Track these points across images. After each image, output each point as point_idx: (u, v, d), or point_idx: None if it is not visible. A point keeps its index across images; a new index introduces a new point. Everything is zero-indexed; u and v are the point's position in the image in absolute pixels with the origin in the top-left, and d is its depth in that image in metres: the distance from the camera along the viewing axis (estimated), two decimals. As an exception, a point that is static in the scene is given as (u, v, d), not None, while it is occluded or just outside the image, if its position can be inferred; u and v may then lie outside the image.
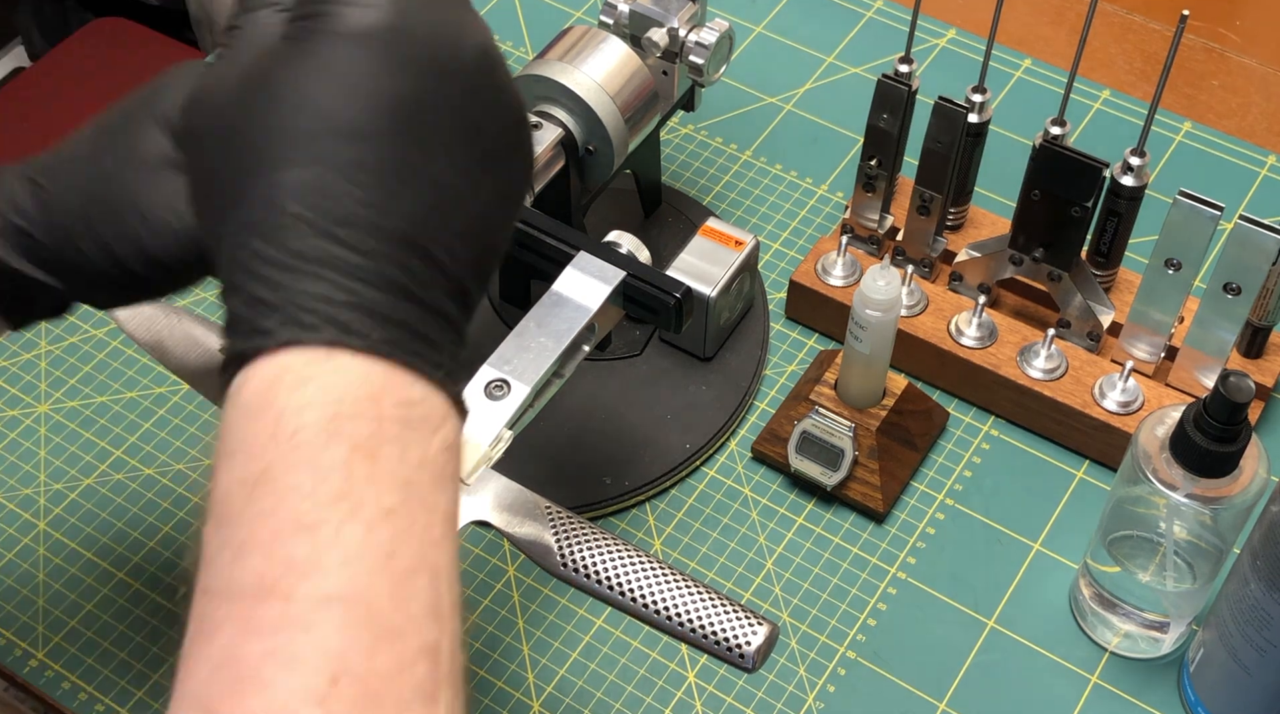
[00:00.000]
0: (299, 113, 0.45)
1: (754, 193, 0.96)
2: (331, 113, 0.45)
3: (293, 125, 0.45)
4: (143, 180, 0.53)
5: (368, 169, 0.44)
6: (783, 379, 0.87)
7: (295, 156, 0.44)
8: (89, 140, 0.55)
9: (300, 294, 0.42)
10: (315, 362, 0.42)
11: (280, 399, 0.42)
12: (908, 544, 0.80)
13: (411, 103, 0.46)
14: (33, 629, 0.77)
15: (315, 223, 0.43)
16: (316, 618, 0.39)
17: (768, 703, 0.74)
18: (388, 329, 0.43)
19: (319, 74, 0.45)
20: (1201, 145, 0.98)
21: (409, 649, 0.40)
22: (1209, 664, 0.71)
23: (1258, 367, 0.83)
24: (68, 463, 0.83)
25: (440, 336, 0.45)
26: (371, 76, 0.45)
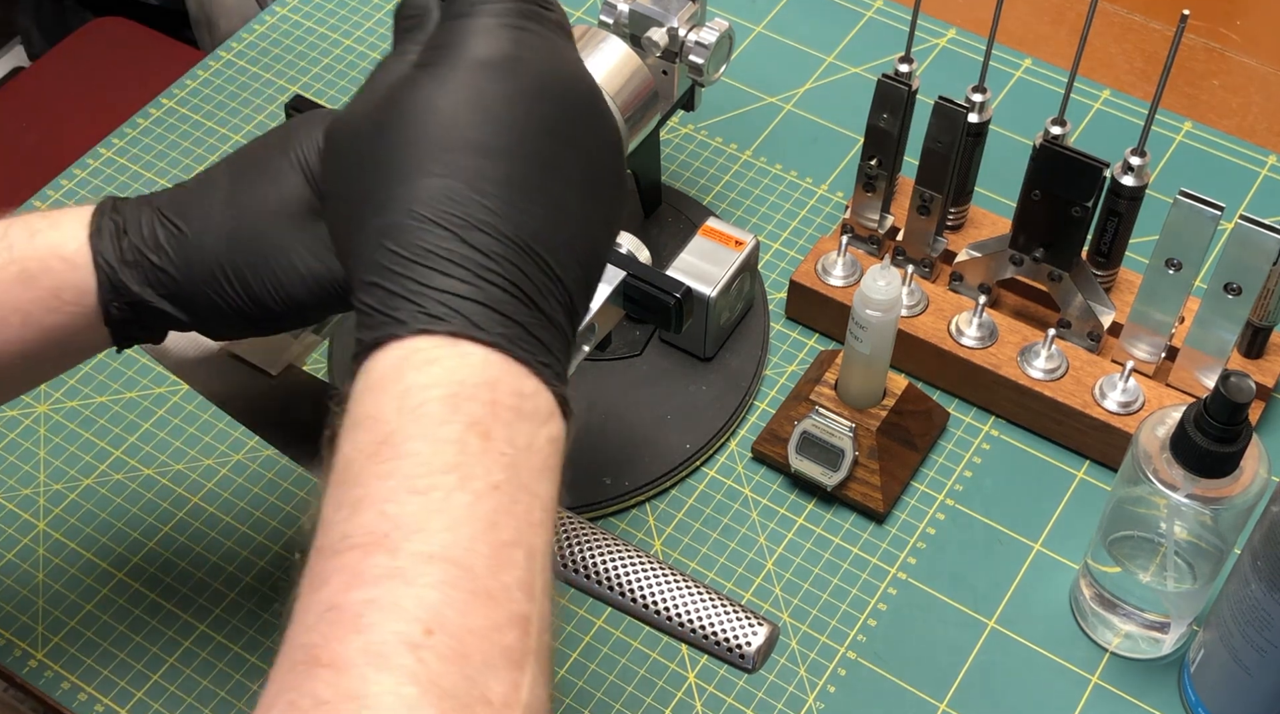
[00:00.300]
0: (432, 128, 0.49)
1: (754, 193, 0.96)
2: (463, 129, 0.49)
3: (426, 139, 0.49)
4: (285, 228, 0.56)
5: (495, 181, 0.49)
6: (783, 379, 0.86)
7: (430, 167, 0.49)
8: (224, 183, 0.57)
9: (431, 288, 0.47)
10: (442, 347, 0.46)
11: (408, 376, 0.46)
12: (908, 544, 0.80)
13: (533, 125, 0.50)
14: (32, 629, 0.77)
15: (446, 226, 0.48)
16: (419, 573, 0.42)
17: (768, 703, 0.74)
18: (507, 326, 0.47)
19: (451, 95, 0.50)
20: (1202, 145, 0.98)
21: (501, 614, 0.43)
22: (1209, 665, 0.71)
23: (1258, 367, 0.83)
24: (67, 463, 0.83)
25: (551, 341, 0.49)
26: (498, 99, 0.50)
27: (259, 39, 1.05)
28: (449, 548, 0.43)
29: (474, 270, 0.47)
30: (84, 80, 1.45)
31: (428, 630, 0.41)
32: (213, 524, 0.81)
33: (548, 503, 0.47)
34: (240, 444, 0.84)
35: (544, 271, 0.49)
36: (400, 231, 0.48)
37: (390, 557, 0.43)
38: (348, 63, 1.03)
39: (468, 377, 0.46)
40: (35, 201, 0.95)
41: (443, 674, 0.41)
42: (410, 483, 0.44)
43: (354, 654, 0.41)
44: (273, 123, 0.99)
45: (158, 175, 0.97)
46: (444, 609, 0.42)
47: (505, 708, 0.42)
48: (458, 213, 0.48)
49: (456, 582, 0.42)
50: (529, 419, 0.47)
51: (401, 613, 0.41)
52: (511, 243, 0.48)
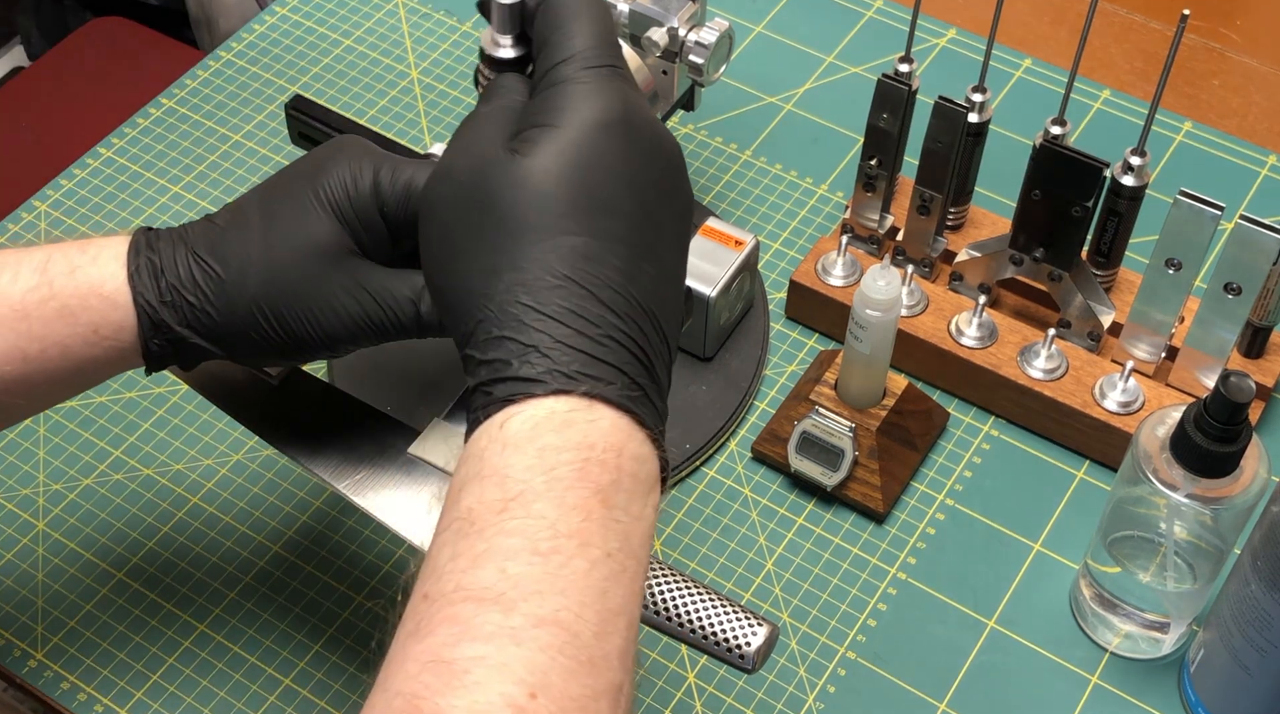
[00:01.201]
0: (564, 188, 0.50)
1: (754, 193, 0.96)
2: (593, 189, 0.50)
3: (559, 198, 0.50)
4: (320, 269, 0.56)
5: (621, 241, 0.50)
6: (783, 379, 0.86)
7: (566, 226, 0.50)
8: (256, 222, 0.58)
9: (567, 347, 0.48)
10: (578, 409, 0.47)
11: (544, 437, 0.47)
12: (908, 544, 0.80)
13: (648, 186, 0.52)
14: (32, 629, 0.77)
15: (583, 284, 0.49)
16: (530, 635, 0.43)
17: (768, 703, 0.74)
18: (632, 389, 0.48)
19: (579, 155, 0.51)
20: (1202, 145, 0.98)
21: (601, 682, 0.44)
22: (1209, 665, 0.71)
23: (1258, 367, 0.83)
24: (66, 463, 0.83)
25: (660, 405, 0.50)
26: (619, 159, 0.51)
27: (259, 39, 1.05)
28: (561, 613, 0.44)
29: (606, 331, 0.48)
30: (84, 80, 1.45)
31: (532, 694, 0.42)
32: (212, 524, 0.81)
33: (646, 564, 0.48)
34: (240, 444, 0.84)
35: (657, 332, 0.50)
36: (538, 287, 0.49)
37: (505, 615, 0.43)
38: (348, 63, 1.03)
39: (598, 441, 0.47)
40: (35, 201, 0.95)
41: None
42: (534, 545, 0.45)
43: (458, 711, 0.41)
44: (273, 123, 0.99)
45: (157, 175, 0.97)
46: (550, 674, 0.42)
47: None
48: (593, 272, 0.49)
49: (564, 648, 0.43)
50: (643, 485, 0.48)
51: (509, 674, 0.42)
52: (635, 303, 0.49)
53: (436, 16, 1.06)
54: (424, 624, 0.44)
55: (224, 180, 0.96)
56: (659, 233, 0.52)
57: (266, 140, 0.98)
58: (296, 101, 0.78)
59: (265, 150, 0.98)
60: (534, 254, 0.49)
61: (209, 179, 0.96)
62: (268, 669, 0.75)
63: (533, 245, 0.50)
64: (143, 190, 0.96)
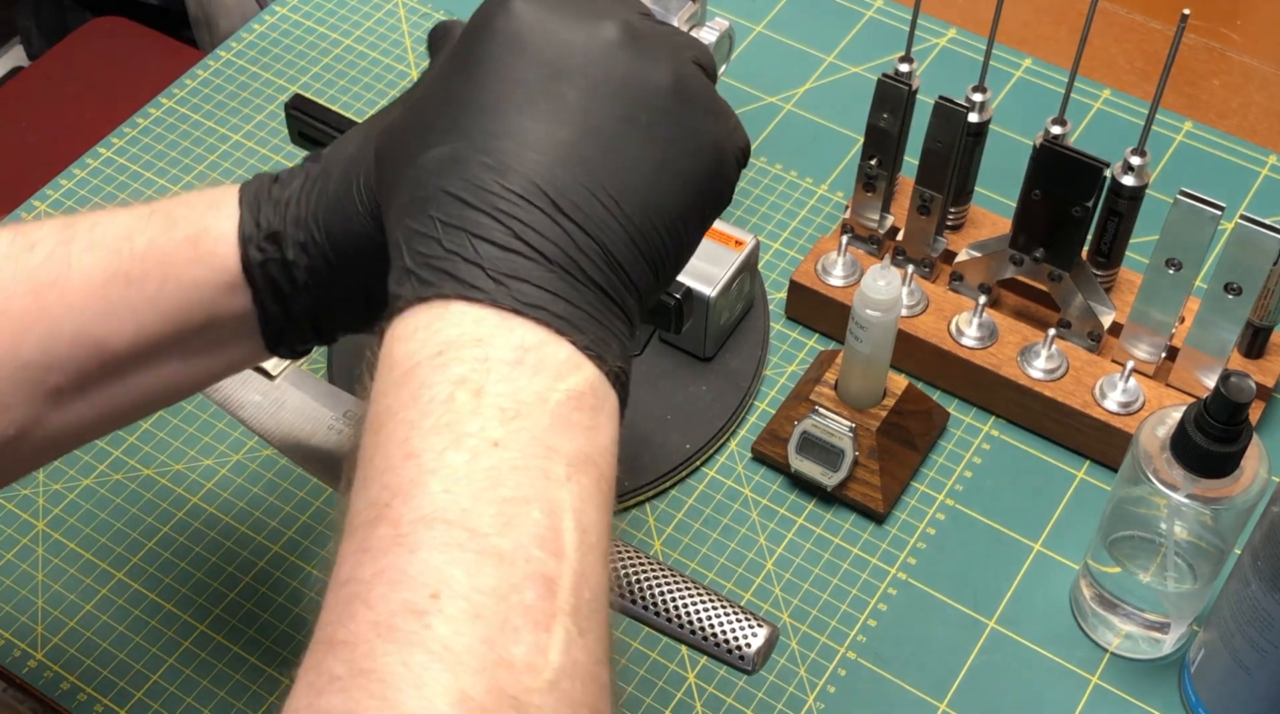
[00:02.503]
0: (435, 90, 0.49)
1: (754, 193, 0.96)
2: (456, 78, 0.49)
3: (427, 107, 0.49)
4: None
5: (500, 137, 0.48)
6: (783, 379, 0.86)
7: (433, 139, 0.48)
8: (356, 135, 0.56)
9: (432, 256, 0.46)
10: (432, 313, 0.45)
11: (396, 349, 0.45)
12: (908, 544, 0.80)
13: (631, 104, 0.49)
14: (31, 629, 0.77)
15: (456, 195, 0.47)
16: (420, 539, 0.41)
17: (768, 704, 0.74)
18: (506, 283, 0.45)
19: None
20: (1202, 145, 0.98)
21: (516, 574, 0.41)
22: (1210, 665, 0.71)
23: (1258, 367, 0.83)
24: (66, 463, 0.83)
25: (570, 293, 0.46)
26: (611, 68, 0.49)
27: (259, 39, 1.05)
28: (446, 509, 0.42)
29: (472, 232, 0.46)
30: (84, 80, 1.45)
31: (433, 595, 0.40)
32: (212, 524, 0.81)
33: (578, 458, 0.44)
34: (240, 444, 0.84)
35: (551, 220, 0.47)
36: (413, 208, 0.48)
37: (393, 527, 0.42)
38: (347, 63, 1.03)
39: (456, 336, 0.45)
40: (35, 201, 0.95)
41: (452, 638, 0.39)
42: (403, 448, 0.43)
43: (364, 629, 0.40)
44: (273, 122, 0.99)
45: (157, 175, 0.97)
46: (449, 571, 0.40)
47: (530, 671, 0.40)
48: (459, 173, 0.47)
49: (461, 543, 0.41)
50: (536, 372, 0.44)
51: (407, 580, 0.40)
52: (523, 198, 0.47)
53: (436, 16, 1.06)
54: (336, 559, 0.43)
55: (224, 180, 0.96)
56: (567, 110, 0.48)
57: (266, 140, 0.98)
58: (296, 101, 0.77)
59: (265, 150, 0.98)
60: (410, 173, 0.48)
61: (209, 179, 0.96)
62: (268, 669, 0.75)
63: (408, 163, 0.48)
64: (143, 190, 0.96)
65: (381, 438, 0.44)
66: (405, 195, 0.48)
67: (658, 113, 0.50)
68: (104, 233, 0.55)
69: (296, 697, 0.40)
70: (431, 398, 0.43)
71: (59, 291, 0.54)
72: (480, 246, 0.46)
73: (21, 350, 0.54)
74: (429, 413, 0.43)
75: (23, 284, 0.54)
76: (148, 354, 0.56)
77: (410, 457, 0.43)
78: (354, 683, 0.39)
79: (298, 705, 0.40)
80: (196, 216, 0.55)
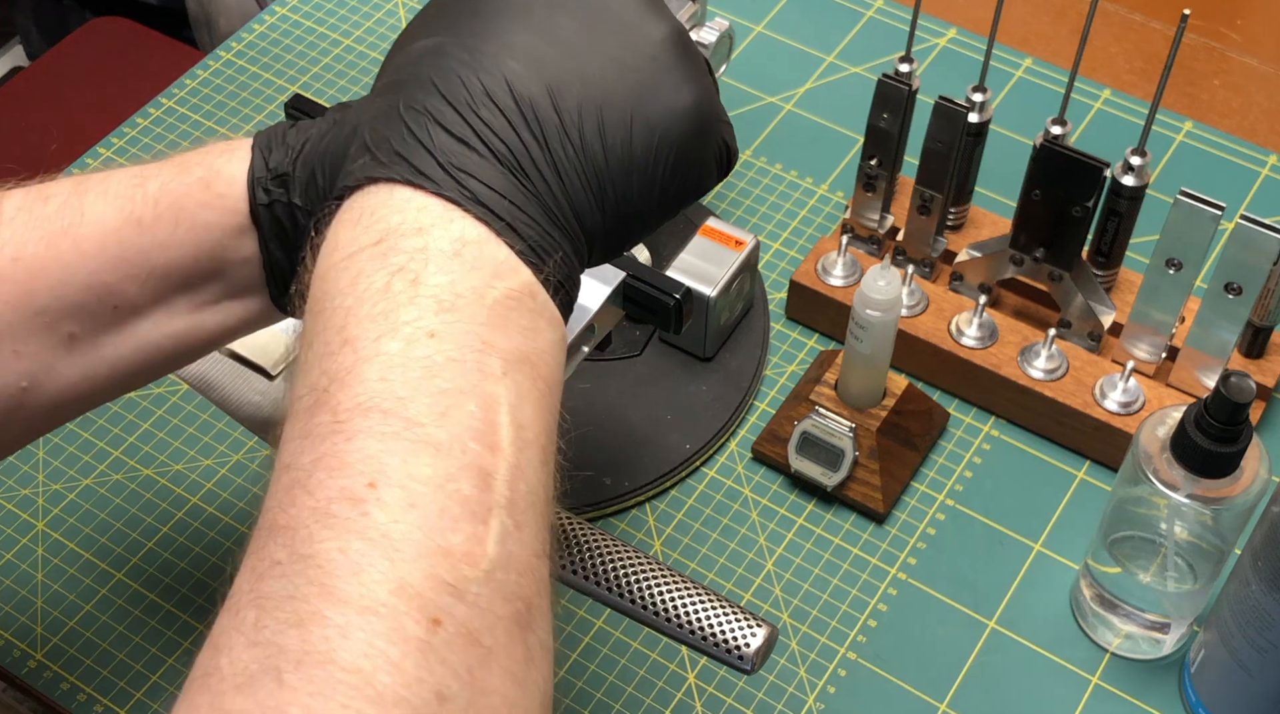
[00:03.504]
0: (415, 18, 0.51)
1: (754, 193, 0.95)
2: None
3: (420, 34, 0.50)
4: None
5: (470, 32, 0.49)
6: (783, 379, 0.86)
7: (426, 32, 0.49)
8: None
9: (389, 137, 0.46)
10: (378, 197, 0.45)
11: (341, 233, 0.45)
12: (908, 545, 0.80)
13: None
14: (31, 630, 0.77)
15: (430, 81, 0.47)
16: (357, 426, 0.41)
17: (768, 704, 0.74)
18: (455, 175, 0.45)
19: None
20: (1202, 145, 0.98)
21: (452, 464, 0.41)
22: (1210, 665, 0.71)
23: (1259, 367, 0.83)
24: (66, 463, 0.83)
25: (517, 195, 0.47)
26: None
27: (259, 39, 1.05)
28: (382, 397, 0.41)
29: (433, 119, 0.47)
30: (83, 80, 1.45)
31: (370, 484, 0.40)
32: (212, 524, 0.80)
33: (516, 356, 0.44)
34: (240, 444, 0.84)
35: (510, 124, 0.47)
36: (385, 89, 0.49)
37: (332, 413, 0.42)
38: (347, 62, 1.03)
39: (398, 224, 0.45)
40: (34, 201, 0.95)
41: (389, 526, 0.40)
42: (340, 334, 0.43)
43: (304, 515, 0.40)
44: (272, 122, 0.99)
45: (157, 175, 0.96)
46: (385, 459, 0.40)
47: (467, 560, 0.40)
48: (439, 68, 0.48)
49: (397, 432, 0.41)
50: (474, 268, 0.45)
51: (345, 468, 0.41)
52: (489, 98, 0.47)
53: (436, 16, 1.06)
54: (281, 444, 0.43)
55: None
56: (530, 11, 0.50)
57: (266, 140, 0.98)
58: (296, 101, 0.77)
59: (265, 150, 0.98)
60: (390, 73, 0.50)
61: (209, 179, 0.96)
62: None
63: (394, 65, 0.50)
64: (142, 190, 0.96)
65: (320, 323, 0.44)
66: (384, 78, 0.50)
67: (645, 60, 0.50)
68: (117, 181, 0.55)
69: (239, 581, 0.41)
70: (369, 285, 0.44)
71: (72, 239, 0.54)
72: (437, 135, 0.46)
73: (35, 297, 0.54)
74: (366, 299, 0.43)
75: (36, 232, 0.54)
76: (159, 302, 0.56)
77: (347, 343, 0.43)
78: (293, 568, 0.39)
79: (240, 590, 0.40)
80: (210, 160, 0.55)
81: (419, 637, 0.38)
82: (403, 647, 0.38)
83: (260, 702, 0.37)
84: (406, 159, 0.46)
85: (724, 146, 0.54)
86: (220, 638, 0.39)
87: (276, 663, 0.38)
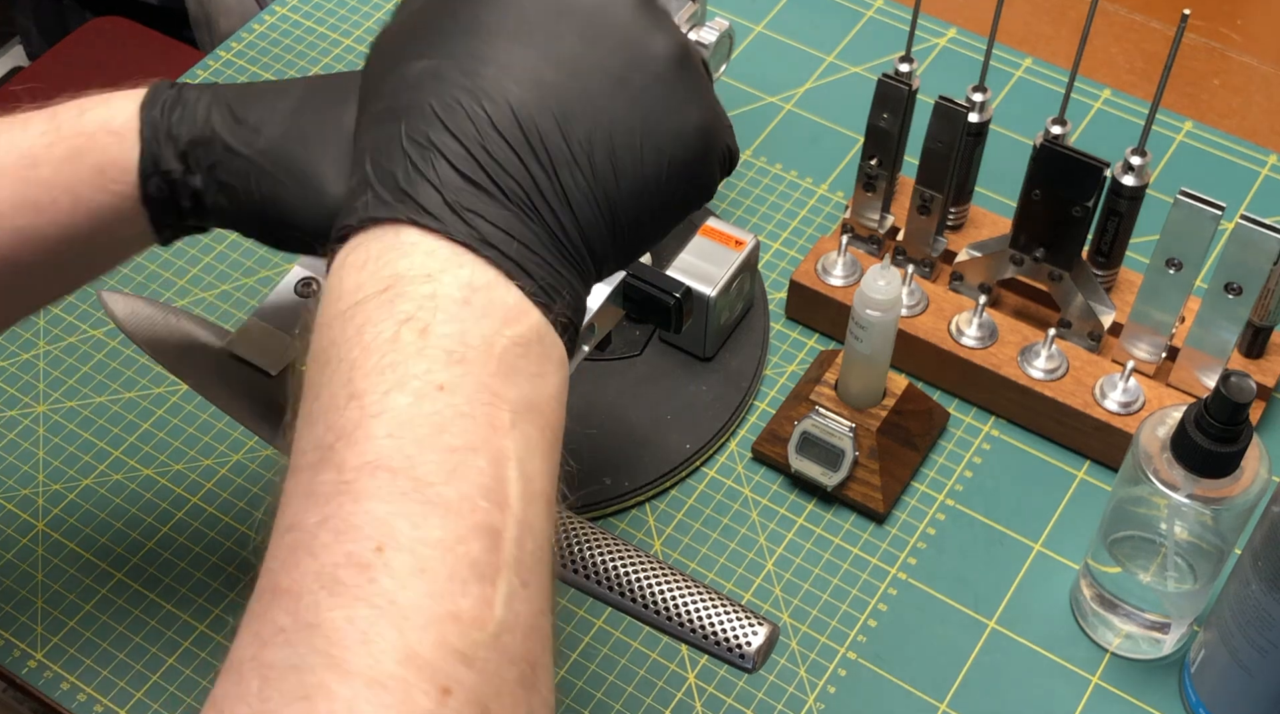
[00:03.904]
0: (434, 3, 0.49)
1: (754, 193, 0.96)
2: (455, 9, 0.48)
3: (405, 24, 0.49)
4: (339, 156, 0.55)
5: (488, 61, 0.47)
6: (783, 379, 0.86)
7: (420, 51, 0.47)
8: (295, 96, 0.56)
9: (393, 171, 0.45)
10: (384, 241, 0.44)
11: (346, 278, 0.43)
12: (908, 545, 0.80)
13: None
14: (31, 630, 0.77)
15: (432, 111, 0.45)
16: (365, 486, 0.40)
17: (768, 704, 0.74)
18: (463, 214, 0.44)
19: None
20: (1202, 145, 0.98)
21: (462, 525, 0.40)
22: (1210, 665, 0.71)
23: (1259, 367, 0.83)
24: (66, 463, 0.83)
25: (524, 234, 0.45)
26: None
27: (259, 39, 1.05)
28: (391, 456, 0.40)
29: (439, 152, 0.45)
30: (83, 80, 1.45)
31: (378, 548, 0.39)
32: (212, 524, 0.80)
33: (524, 405, 0.43)
34: (240, 444, 0.84)
35: (518, 157, 0.46)
36: (384, 117, 0.47)
37: (338, 472, 0.40)
38: (347, 63, 1.03)
39: (405, 269, 0.43)
40: (35, 201, 0.95)
41: (397, 592, 0.38)
42: (347, 387, 0.41)
43: (308, 579, 0.39)
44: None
45: (157, 175, 0.96)
46: (394, 522, 0.39)
47: (476, 624, 0.39)
48: (439, 95, 0.46)
49: (405, 492, 0.40)
50: (486, 314, 0.43)
51: (351, 531, 0.39)
52: (495, 130, 0.46)
53: (436, 16, 1.06)
54: (283, 499, 0.42)
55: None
56: (551, 46, 0.48)
57: (266, 140, 0.98)
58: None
59: (265, 150, 0.98)
60: (386, 92, 0.48)
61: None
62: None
63: (385, 82, 0.49)
64: (142, 190, 0.96)
65: (326, 375, 0.42)
66: (381, 103, 0.48)
67: (651, 79, 0.49)
68: (10, 165, 0.57)
69: (242, 645, 0.40)
70: (377, 335, 0.42)
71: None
72: (444, 171, 0.45)
73: None
74: (373, 351, 0.42)
75: None
76: (55, 266, 0.59)
77: (354, 397, 0.41)
78: (298, 636, 0.38)
79: (243, 656, 0.39)
80: (100, 145, 0.57)
81: (428, 709, 0.38)
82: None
83: None
84: (413, 198, 0.44)
85: (726, 151, 0.53)
86: (224, 704, 0.39)
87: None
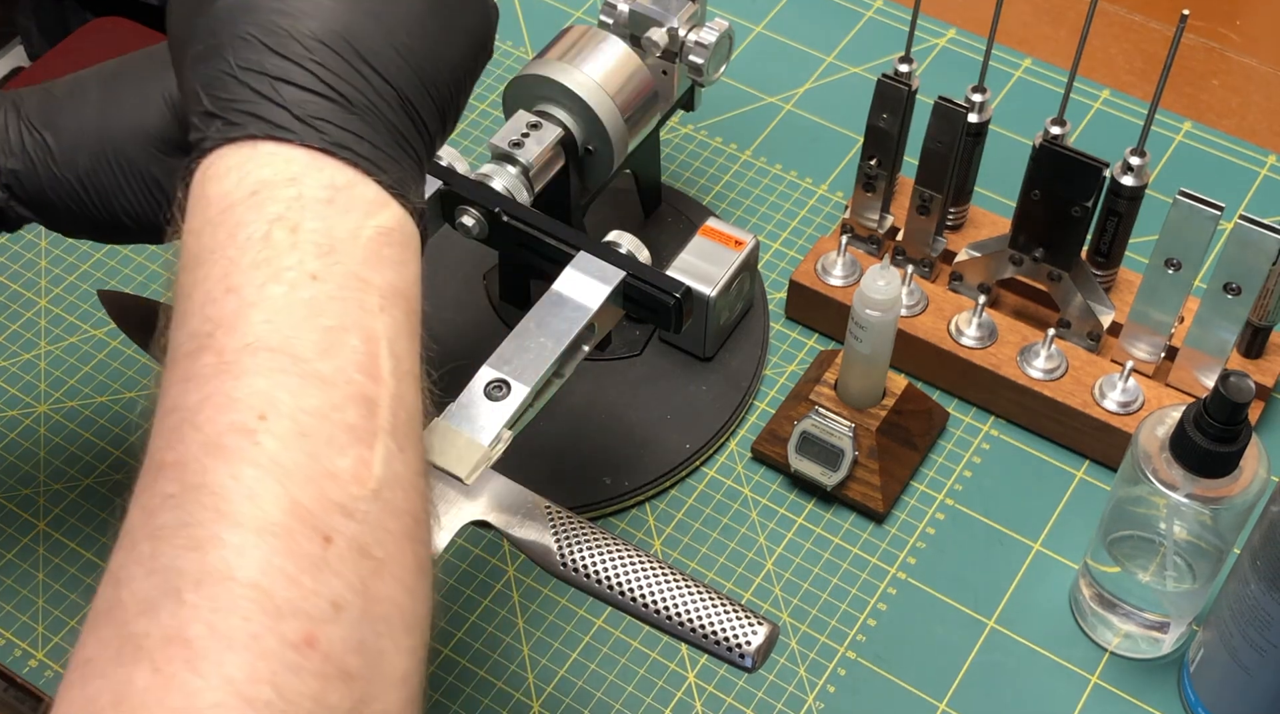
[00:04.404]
0: None
1: (754, 193, 0.96)
2: None
3: None
4: (153, 159, 0.60)
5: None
6: (783, 379, 0.86)
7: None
8: (94, 100, 0.60)
9: (235, 99, 0.47)
10: (242, 153, 0.47)
11: (209, 188, 0.46)
12: (908, 544, 0.80)
13: None
14: (32, 629, 0.77)
15: (255, 39, 0.48)
16: (244, 365, 0.43)
17: (768, 703, 0.74)
18: (314, 124, 0.47)
19: None
20: (1202, 145, 0.98)
21: (338, 395, 0.43)
22: (1209, 665, 0.71)
23: (1258, 367, 0.83)
24: (67, 463, 0.83)
25: (374, 136, 0.48)
26: None
27: (259, 39, 1.05)
28: (269, 337, 0.43)
29: (277, 75, 0.48)
30: (84, 80, 1.45)
31: (261, 416, 0.42)
32: (213, 524, 0.80)
33: (390, 291, 0.46)
34: (240, 444, 0.84)
35: (359, 68, 0.49)
36: (209, 55, 0.49)
37: (217, 355, 0.43)
38: (348, 63, 1.03)
39: (269, 176, 0.46)
40: (35, 201, 0.95)
41: (280, 453, 0.41)
42: (223, 283, 0.44)
43: (193, 449, 0.41)
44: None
45: (158, 175, 0.96)
46: (275, 394, 0.42)
47: (355, 481, 0.42)
48: (268, 24, 0.48)
49: (285, 368, 0.43)
50: (349, 209, 0.47)
51: (233, 404, 0.42)
52: (322, 44, 0.48)
53: (436, 16, 1.06)
54: (161, 392, 0.45)
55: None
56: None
57: (267, 140, 0.98)
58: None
59: (265, 150, 0.98)
60: (210, 25, 0.50)
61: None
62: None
63: (209, 19, 0.50)
64: (143, 190, 0.96)
65: (200, 274, 0.45)
66: (199, 44, 0.50)
67: None
68: None
69: (131, 519, 0.42)
70: (249, 236, 0.45)
71: None
72: (284, 89, 0.47)
73: None
74: (247, 249, 0.45)
75: None
76: None
77: (231, 291, 0.44)
78: (187, 498, 0.41)
79: (133, 524, 0.41)
80: None
81: (313, 553, 0.40)
82: (298, 562, 0.40)
83: (163, 623, 0.38)
84: (261, 117, 0.47)
85: (494, 7, 0.56)
86: (119, 572, 0.41)
87: (176, 585, 0.39)
